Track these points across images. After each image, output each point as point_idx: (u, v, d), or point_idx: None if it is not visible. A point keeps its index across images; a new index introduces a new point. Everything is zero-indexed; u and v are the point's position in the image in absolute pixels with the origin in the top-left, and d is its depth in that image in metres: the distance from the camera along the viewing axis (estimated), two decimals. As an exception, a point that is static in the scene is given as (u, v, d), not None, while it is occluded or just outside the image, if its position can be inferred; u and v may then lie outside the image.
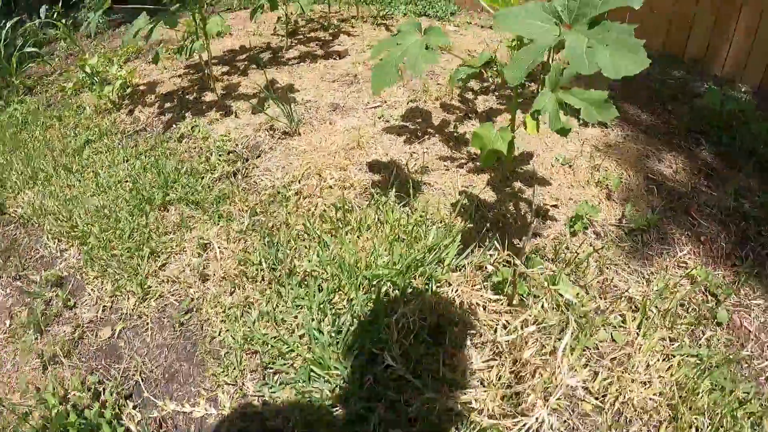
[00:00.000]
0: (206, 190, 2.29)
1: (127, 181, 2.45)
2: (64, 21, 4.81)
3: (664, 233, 1.91)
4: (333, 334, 1.52)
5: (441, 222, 1.87)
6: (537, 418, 1.28)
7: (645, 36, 1.15)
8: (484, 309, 1.57)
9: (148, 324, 1.75)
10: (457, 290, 1.60)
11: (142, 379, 1.59)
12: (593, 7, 1.20)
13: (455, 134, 2.38)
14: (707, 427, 1.31)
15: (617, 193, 2.06)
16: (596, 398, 1.38)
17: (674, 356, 1.47)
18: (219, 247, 1.95)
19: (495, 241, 1.74)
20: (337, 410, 1.37)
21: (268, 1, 3.18)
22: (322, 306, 1.60)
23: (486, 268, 1.68)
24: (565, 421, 1.34)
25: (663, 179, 2.14)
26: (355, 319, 1.54)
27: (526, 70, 1.22)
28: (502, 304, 1.58)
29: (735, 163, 2.29)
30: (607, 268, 1.76)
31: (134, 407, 1.51)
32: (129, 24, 3.21)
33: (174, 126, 2.88)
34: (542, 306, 1.55)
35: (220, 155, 2.52)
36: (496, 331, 1.51)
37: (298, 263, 1.78)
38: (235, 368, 1.53)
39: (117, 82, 3.25)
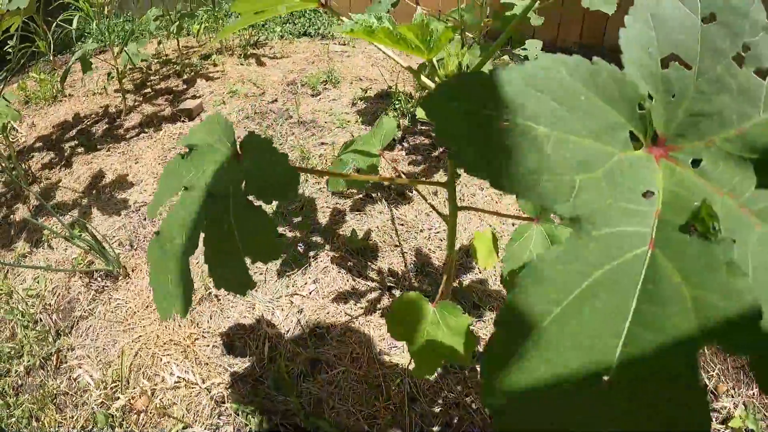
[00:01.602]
0: (11, 404, 1.38)
1: None
2: None
3: None
4: None
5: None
6: None
7: (562, 28, 0.42)
8: None
9: None
10: None
11: None
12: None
13: (354, 240, 1.53)
14: None
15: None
16: None
17: None
18: None
19: None
20: None
21: (81, 64, 2.20)
22: None
23: None
24: None
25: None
26: None
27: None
28: None
29: None
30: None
31: None
32: None
33: (-26, 268, 1.91)
34: None
35: (26, 326, 1.59)
36: None
37: None
38: None
39: None
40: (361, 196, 1.73)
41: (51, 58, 3.43)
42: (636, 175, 0.41)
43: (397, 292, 1.41)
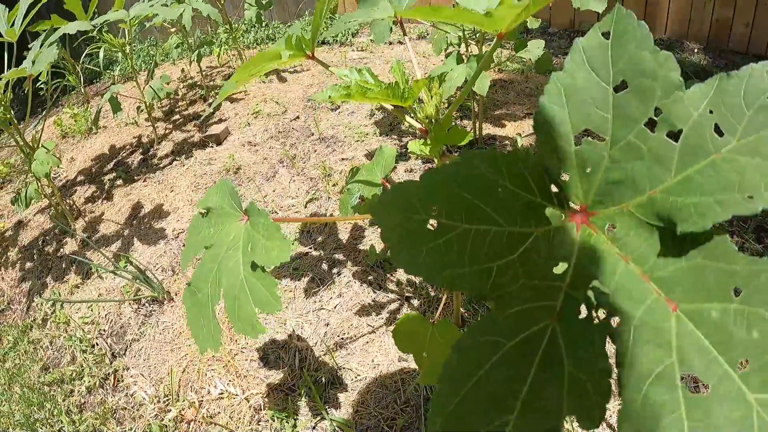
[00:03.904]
0: (76, 420, 1.68)
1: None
2: None
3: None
4: None
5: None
6: None
7: (577, 13, 0.50)
8: None
9: None
10: None
11: None
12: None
13: (373, 254, 1.75)
14: None
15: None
16: None
17: None
18: None
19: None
20: None
21: (111, 105, 2.50)
22: None
23: None
24: None
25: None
26: None
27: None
28: None
29: None
30: None
31: None
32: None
33: (35, 301, 2.24)
34: None
35: (84, 350, 1.90)
36: None
37: None
38: None
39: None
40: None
41: (82, 89, 3.81)
42: (553, 248, 0.47)
43: (415, 302, 1.62)
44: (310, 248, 1.86)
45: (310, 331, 1.59)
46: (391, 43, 3.50)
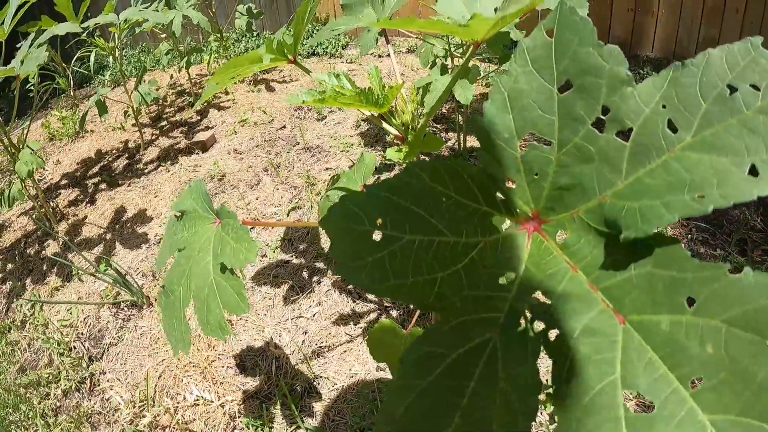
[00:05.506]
0: (51, 423, 1.64)
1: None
2: None
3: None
4: None
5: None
6: None
7: None
8: None
9: None
10: None
11: None
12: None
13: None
14: None
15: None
16: None
17: None
18: None
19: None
20: None
21: (97, 107, 2.48)
22: None
23: None
24: None
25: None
26: None
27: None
28: None
29: None
30: None
31: None
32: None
33: (15, 302, 2.20)
34: None
35: (61, 353, 1.86)
36: None
37: None
38: None
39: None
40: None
41: (72, 93, 3.77)
42: (500, 258, 0.45)
43: (394, 312, 1.61)
44: (291, 256, 1.85)
45: (287, 339, 1.57)
46: (380, 56, 3.51)
